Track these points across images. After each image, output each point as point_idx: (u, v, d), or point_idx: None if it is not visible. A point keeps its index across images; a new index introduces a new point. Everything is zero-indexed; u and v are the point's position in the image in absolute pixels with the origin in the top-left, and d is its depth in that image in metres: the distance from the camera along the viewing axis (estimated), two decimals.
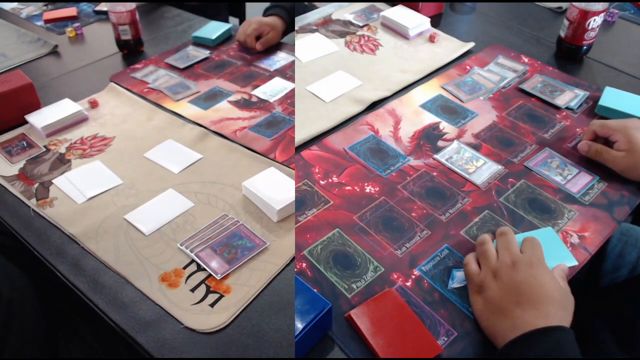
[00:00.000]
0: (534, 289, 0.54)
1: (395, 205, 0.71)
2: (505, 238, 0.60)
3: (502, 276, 0.56)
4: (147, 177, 0.79)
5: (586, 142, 0.76)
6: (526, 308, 0.53)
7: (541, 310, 0.53)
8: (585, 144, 0.76)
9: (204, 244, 0.67)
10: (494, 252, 0.60)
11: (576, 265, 0.62)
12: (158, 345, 0.56)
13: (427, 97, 0.91)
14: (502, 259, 0.58)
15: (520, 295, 0.54)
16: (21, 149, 0.85)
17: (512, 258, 0.58)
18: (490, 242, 0.61)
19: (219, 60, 1.09)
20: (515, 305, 0.54)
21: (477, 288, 0.58)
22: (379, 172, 0.76)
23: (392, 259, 0.64)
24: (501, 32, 1.10)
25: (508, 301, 0.54)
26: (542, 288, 0.54)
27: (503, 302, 0.55)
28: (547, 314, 0.53)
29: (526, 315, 0.53)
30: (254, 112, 0.93)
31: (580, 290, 0.80)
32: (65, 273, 0.64)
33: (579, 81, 0.93)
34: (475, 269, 0.59)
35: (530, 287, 0.55)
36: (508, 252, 0.58)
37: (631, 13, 1.16)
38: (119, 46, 1.12)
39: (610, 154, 0.73)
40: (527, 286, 0.55)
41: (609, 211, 0.69)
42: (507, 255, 0.58)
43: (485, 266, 0.59)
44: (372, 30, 1.11)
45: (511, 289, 0.55)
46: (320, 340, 0.56)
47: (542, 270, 0.56)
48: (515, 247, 0.59)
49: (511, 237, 0.61)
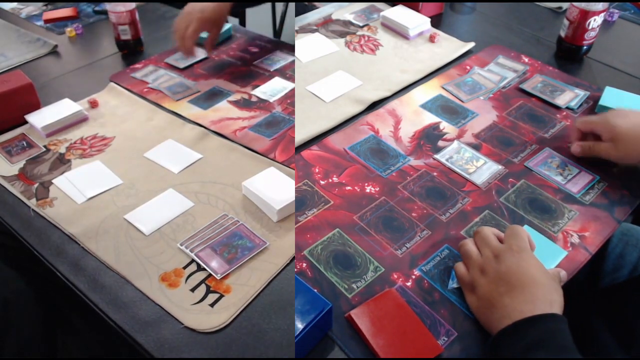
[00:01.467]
0: (518, 275, 0.55)
1: (396, 205, 0.71)
2: (481, 235, 0.61)
3: (488, 271, 0.57)
4: (147, 177, 0.79)
5: (577, 144, 0.76)
6: (514, 295, 0.54)
7: (526, 294, 0.53)
8: (578, 146, 0.76)
9: (204, 244, 0.67)
10: (475, 250, 0.60)
11: (566, 255, 0.63)
12: (158, 345, 0.56)
13: (427, 97, 0.90)
14: (484, 255, 0.59)
15: (506, 285, 0.55)
16: (21, 149, 0.85)
17: (493, 251, 0.58)
18: (470, 243, 0.62)
19: (219, 60, 1.09)
20: (504, 295, 0.54)
21: (470, 288, 0.58)
22: (379, 172, 0.76)
23: (393, 259, 0.63)
24: (501, 32, 1.10)
25: (497, 293, 0.55)
26: (527, 273, 0.55)
27: (493, 294, 0.55)
28: (533, 298, 0.53)
29: (514, 303, 0.53)
30: (253, 112, 0.93)
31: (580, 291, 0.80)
32: (65, 273, 0.64)
33: (579, 81, 0.93)
34: (464, 271, 0.60)
35: (515, 274, 0.55)
36: (488, 247, 0.59)
37: (631, 13, 1.16)
38: (118, 46, 1.12)
39: (601, 147, 0.73)
40: (512, 274, 0.55)
41: (609, 211, 0.69)
42: (488, 249, 0.59)
43: (471, 266, 0.59)
44: (372, 30, 1.11)
45: (498, 281, 0.56)
46: (321, 340, 0.56)
47: (525, 256, 0.57)
48: (493, 241, 0.60)
49: (486, 232, 0.61)
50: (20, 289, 0.75)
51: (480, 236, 0.61)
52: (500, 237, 0.61)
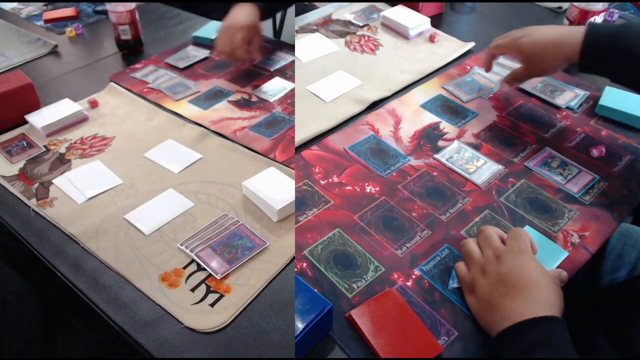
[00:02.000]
0: (519, 277, 0.55)
1: (396, 205, 0.70)
2: (484, 234, 0.61)
3: (489, 271, 0.57)
4: (147, 177, 0.79)
5: (503, 81, 0.85)
6: (513, 297, 0.54)
7: (527, 296, 0.53)
8: (504, 83, 0.85)
9: (204, 244, 0.67)
10: (477, 250, 0.60)
11: (567, 255, 0.63)
12: (158, 345, 0.56)
13: (427, 97, 0.90)
14: (486, 255, 0.59)
15: (506, 286, 0.55)
16: (21, 149, 0.84)
17: (495, 252, 0.58)
18: (472, 243, 0.62)
19: (219, 60, 1.09)
20: (504, 297, 0.54)
21: (470, 288, 0.58)
22: (380, 172, 0.76)
23: (393, 259, 0.63)
24: (501, 32, 1.09)
25: (497, 294, 0.55)
26: (527, 275, 0.55)
27: (493, 295, 0.55)
28: (533, 300, 0.53)
29: (514, 304, 0.53)
30: (254, 112, 0.93)
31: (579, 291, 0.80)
32: (65, 273, 0.64)
33: (579, 81, 0.93)
34: (465, 271, 0.60)
35: (515, 276, 0.55)
36: (490, 248, 0.59)
37: (631, 13, 1.16)
38: (118, 46, 1.12)
39: (519, 71, 0.82)
40: (512, 276, 0.55)
41: (609, 211, 0.69)
42: (490, 250, 0.59)
43: (472, 266, 0.59)
44: (372, 30, 1.11)
45: (498, 282, 0.55)
46: (321, 340, 0.55)
47: (526, 258, 0.57)
48: (496, 241, 0.60)
49: (490, 232, 0.61)
50: (20, 289, 0.75)
51: (483, 235, 0.61)
52: (503, 238, 0.61)
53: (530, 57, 0.79)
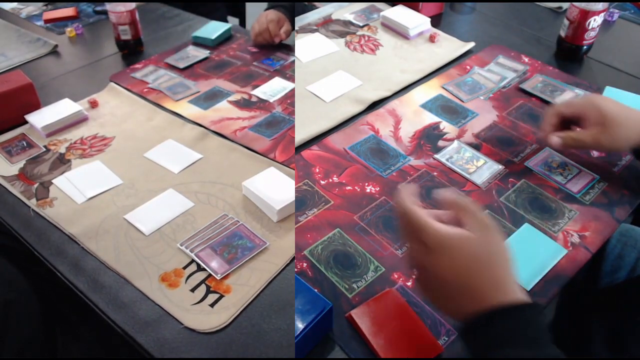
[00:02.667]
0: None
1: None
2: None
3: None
4: (147, 177, 0.79)
5: (557, 135, 0.69)
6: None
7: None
8: (557, 138, 0.68)
9: (204, 244, 0.67)
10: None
11: (566, 253, 0.62)
12: (158, 345, 0.56)
13: (427, 97, 0.90)
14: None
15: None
16: (21, 149, 0.84)
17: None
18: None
19: (219, 60, 1.09)
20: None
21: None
22: (380, 172, 0.76)
23: (393, 259, 0.63)
24: (501, 32, 1.10)
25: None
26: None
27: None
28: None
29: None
30: (254, 112, 0.93)
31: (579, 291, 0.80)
32: (65, 273, 0.64)
33: (579, 81, 0.93)
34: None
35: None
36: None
37: (631, 13, 1.16)
38: (118, 46, 1.12)
39: (588, 135, 0.66)
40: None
41: (609, 211, 0.69)
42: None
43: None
44: (372, 30, 1.11)
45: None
46: (321, 340, 0.55)
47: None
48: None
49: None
50: (20, 289, 0.75)
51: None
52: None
53: (610, 121, 0.64)
